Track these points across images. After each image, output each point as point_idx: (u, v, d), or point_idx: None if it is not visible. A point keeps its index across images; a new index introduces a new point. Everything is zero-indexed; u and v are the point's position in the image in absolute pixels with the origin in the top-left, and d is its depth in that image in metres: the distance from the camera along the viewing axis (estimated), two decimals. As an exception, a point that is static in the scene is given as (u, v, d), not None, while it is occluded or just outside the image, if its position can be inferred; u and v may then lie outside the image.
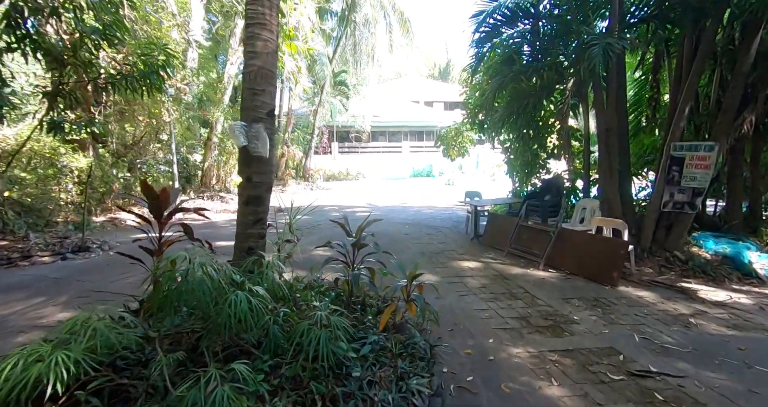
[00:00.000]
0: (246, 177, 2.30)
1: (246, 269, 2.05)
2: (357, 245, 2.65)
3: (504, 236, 5.63)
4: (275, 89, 2.39)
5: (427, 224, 8.09)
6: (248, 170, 2.30)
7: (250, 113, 2.26)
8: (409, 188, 18.99)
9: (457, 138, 9.31)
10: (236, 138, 2.14)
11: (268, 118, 2.31)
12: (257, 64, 2.21)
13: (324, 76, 15.65)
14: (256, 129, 2.19)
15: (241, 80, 2.40)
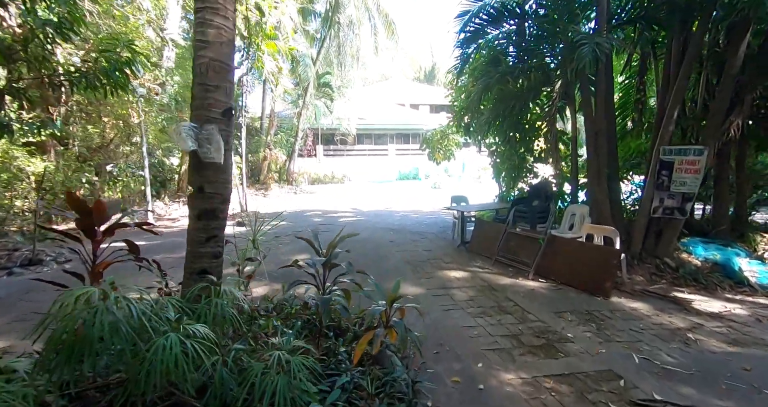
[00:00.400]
0: (197, 187, 1.96)
1: (192, 299, 1.72)
2: (328, 265, 2.32)
3: (491, 243, 5.40)
4: (232, 85, 2.06)
5: (413, 230, 7.82)
6: (200, 178, 1.96)
7: (202, 113, 1.93)
8: (395, 192, 18.74)
9: (443, 141, 9.10)
10: (182, 141, 1.81)
11: (224, 118, 1.99)
12: (209, 56, 1.89)
13: (308, 77, 15.28)
14: (208, 131, 1.86)
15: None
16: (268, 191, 15.47)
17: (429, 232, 7.51)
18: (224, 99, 1.97)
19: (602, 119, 4.82)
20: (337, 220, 9.17)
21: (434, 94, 31.34)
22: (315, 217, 9.74)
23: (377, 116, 25.19)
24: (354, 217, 9.73)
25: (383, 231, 7.62)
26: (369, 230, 7.71)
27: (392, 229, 7.87)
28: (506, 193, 7.47)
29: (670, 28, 4.70)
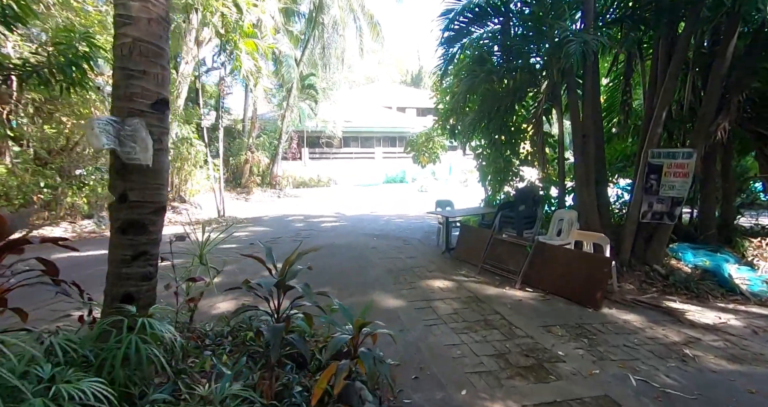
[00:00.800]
0: (119, 194, 1.61)
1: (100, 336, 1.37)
2: (282, 287, 1.99)
3: (477, 249, 5.14)
4: (167, 72, 1.72)
5: (397, 235, 7.52)
6: (123, 184, 1.62)
7: (124, 105, 1.58)
8: (381, 195, 18.44)
9: (428, 144, 8.86)
10: (94, 138, 1.46)
11: (155, 112, 1.65)
12: (132, 35, 1.55)
13: (291, 78, 14.89)
14: (131, 127, 1.52)
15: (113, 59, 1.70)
16: (250, 194, 14.97)
17: (413, 238, 7.22)
18: (154, 88, 1.64)
19: (590, 121, 4.63)
20: (319, 225, 8.81)
21: (421, 98, 31.29)
22: (296, 222, 9.35)
23: (364, 118, 24.92)
24: (337, 222, 9.38)
25: (366, 237, 7.30)
26: (351, 236, 7.37)
27: (375, 235, 7.56)
28: (492, 197, 7.26)
29: (657, 29, 4.56)
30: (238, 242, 6.94)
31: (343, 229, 8.30)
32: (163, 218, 1.90)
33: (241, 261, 5.16)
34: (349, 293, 4.25)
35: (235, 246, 6.51)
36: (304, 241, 7.01)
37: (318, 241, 6.99)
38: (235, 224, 8.99)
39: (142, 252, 1.72)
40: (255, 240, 7.06)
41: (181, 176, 11.18)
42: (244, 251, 6.32)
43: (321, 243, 6.77)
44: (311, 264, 5.19)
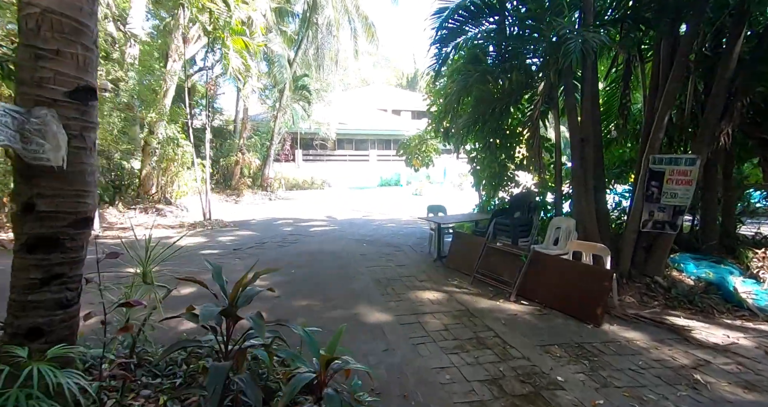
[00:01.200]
0: (24, 203, 1.30)
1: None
2: (231, 316, 1.67)
3: (470, 258, 4.86)
4: (92, 54, 1.41)
5: (388, 241, 7.22)
6: (28, 189, 1.30)
7: (31, 92, 1.27)
8: (375, 199, 18.14)
9: (421, 147, 8.60)
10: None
11: (73, 102, 1.34)
12: (41, 5, 1.24)
13: (283, 79, 14.58)
14: (39, 119, 1.22)
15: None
16: (240, 197, 14.59)
17: (404, 244, 6.92)
18: (73, 73, 1.33)
19: (588, 125, 4.39)
20: (308, 229, 8.49)
21: (416, 100, 31.10)
22: (285, 226, 9.01)
23: (358, 120, 24.66)
24: (327, 226, 9.06)
25: (355, 243, 6.99)
26: (340, 242, 7.06)
27: (366, 240, 7.25)
28: (486, 202, 7.00)
29: (659, 29, 4.33)
30: (222, 247, 6.59)
31: (333, 234, 7.98)
32: (88, 231, 1.59)
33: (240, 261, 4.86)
34: (332, 306, 3.94)
35: (217, 252, 6.17)
36: (290, 246, 6.69)
37: (305, 246, 6.67)
38: (221, 228, 8.64)
39: (56, 275, 1.40)
40: (240, 245, 6.72)
41: (167, 178, 10.79)
42: (226, 257, 5.98)
43: (308, 249, 6.46)
44: (294, 271, 4.87)
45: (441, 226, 5.51)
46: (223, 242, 7.08)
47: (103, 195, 9.38)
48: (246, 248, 6.45)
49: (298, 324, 3.53)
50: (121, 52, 10.28)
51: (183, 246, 6.67)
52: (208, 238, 7.41)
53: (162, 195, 10.90)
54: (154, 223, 8.94)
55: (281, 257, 5.89)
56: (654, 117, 4.31)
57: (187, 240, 7.15)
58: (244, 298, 1.69)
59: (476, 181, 7.54)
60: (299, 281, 4.69)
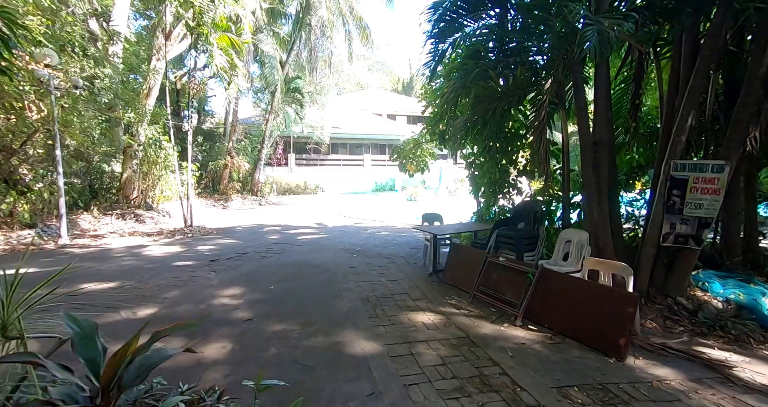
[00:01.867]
0: None
1: None
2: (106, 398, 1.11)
3: (469, 274, 4.34)
4: None
5: (380, 252, 6.68)
6: None
7: None
8: (369, 205, 17.64)
9: (416, 151, 8.12)
10: None
11: None
12: None
13: (274, 81, 14.09)
14: None
15: None
16: (228, 202, 14.01)
17: (397, 255, 6.39)
18: None
19: (603, 127, 3.92)
20: (295, 238, 7.93)
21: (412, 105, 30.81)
22: (271, 233, 8.44)
23: (353, 125, 24.22)
24: (316, 234, 8.50)
25: (345, 253, 6.44)
26: (329, 252, 6.51)
27: (356, 251, 6.71)
28: (485, 210, 6.50)
29: (679, 20, 3.89)
30: (198, 257, 6.01)
31: (322, 243, 7.43)
32: None
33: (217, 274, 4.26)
34: (312, 331, 3.39)
35: (191, 264, 5.59)
36: (274, 257, 6.14)
37: (290, 257, 6.12)
38: (202, 236, 8.06)
39: None
40: (219, 256, 6.15)
41: (148, 181, 10.19)
42: (200, 269, 5.40)
43: (293, 260, 5.90)
44: (274, 287, 4.29)
45: (437, 237, 5.00)
46: (201, 251, 6.50)
47: (78, 200, 8.76)
48: (224, 259, 5.88)
49: (268, 356, 3.00)
50: (104, 50, 9.74)
51: (155, 257, 6.10)
52: (186, 247, 6.82)
53: (143, 200, 10.29)
54: (129, 230, 8.34)
55: (261, 269, 5.33)
56: (674, 118, 3.85)
57: (161, 249, 6.57)
58: (134, 373, 1.10)
59: (474, 188, 7.05)
60: (277, 299, 4.13)
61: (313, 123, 19.19)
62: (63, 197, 6.94)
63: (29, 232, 6.98)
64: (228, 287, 4.50)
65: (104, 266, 5.35)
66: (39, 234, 7.08)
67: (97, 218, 8.78)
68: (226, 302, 3.98)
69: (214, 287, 4.50)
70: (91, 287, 4.37)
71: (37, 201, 7.42)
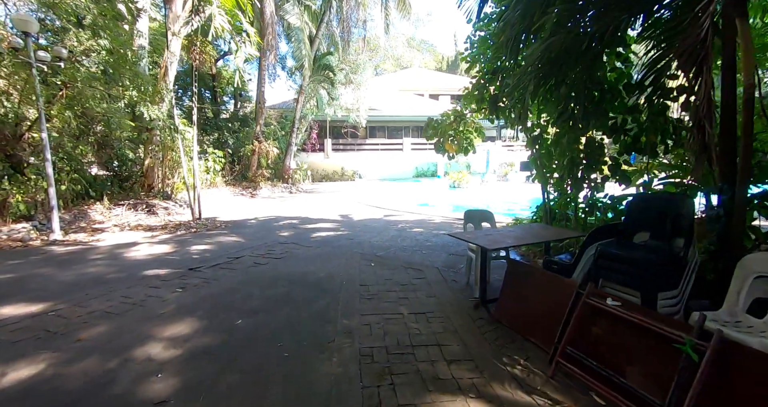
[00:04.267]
0: None
1: None
2: None
3: (544, 315, 2.51)
4: None
5: (408, 258, 4.96)
6: None
7: None
8: (406, 192, 15.87)
9: (458, 126, 6.15)
10: None
11: None
12: None
13: (301, 56, 12.63)
14: None
15: None
16: (257, 190, 13.05)
17: (431, 265, 4.63)
18: None
19: None
20: (309, 236, 6.47)
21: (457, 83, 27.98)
22: (284, 229, 7.09)
23: (391, 106, 22.28)
24: (336, 231, 6.99)
25: (361, 261, 4.83)
26: (341, 258, 4.93)
27: (376, 256, 5.06)
28: (560, 204, 4.49)
29: None
30: (180, 263, 4.73)
31: (337, 243, 5.89)
32: None
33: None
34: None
35: (165, 273, 4.32)
36: (269, 265, 4.70)
37: (289, 265, 4.65)
38: (207, 231, 6.91)
39: None
40: (205, 261, 4.86)
41: (164, 169, 9.34)
42: (169, 282, 4.12)
43: (291, 271, 4.42)
44: (241, 322, 2.74)
45: (487, 252, 3.14)
46: (190, 253, 5.27)
47: (89, 190, 8.08)
48: (207, 268, 4.55)
49: None
50: (130, 28, 8.87)
51: (131, 261, 4.97)
52: (178, 246, 5.66)
53: (161, 189, 9.50)
54: (135, 223, 7.45)
55: (241, 287, 3.90)
56: None
57: (148, 250, 5.45)
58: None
59: (538, 173, 5.01)
60: (234, 351, 2.63)
61: (348, 105, 17.61)
62: (53, 186, 6.08)
63: (25, 226, 6.27)
64: (180, 318, 3.10)
65: (61, 274, 4.27)
66: (36, 228, 6.35)
67: (109, 208, 8.04)
68: (154, 355, 2.56)
69: (161, 318, 3.11)
70: (4, 311, 3.21)
71: (39, 191, 6.70)
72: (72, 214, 7.41)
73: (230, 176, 13.74)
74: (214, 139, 15.07)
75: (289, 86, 18.71)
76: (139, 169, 9.94)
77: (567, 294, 2.48)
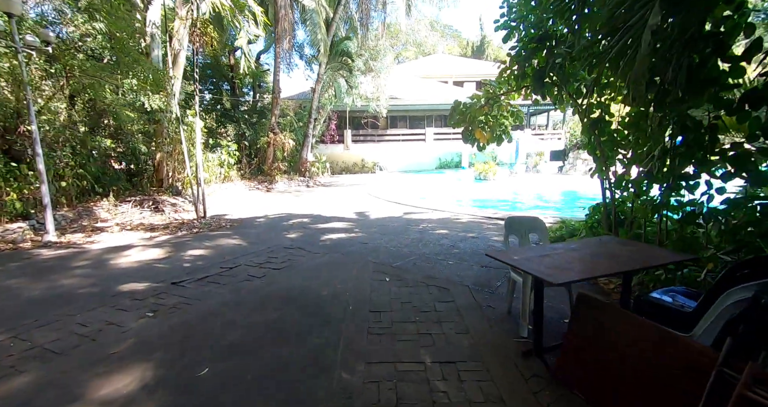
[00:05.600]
0: None
1: None
2: None
3: (643, 387, 1.54)
4: None
5: (430, 271, 4.04)
6: None
7: None
8: (429, 185, 14.84)
9: (491, 110, 5.09)
10: None
11: None
12: None
13: (317, 41, 11.72)
14: None
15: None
16: (273, 184, 12.45)
17: (459, 281, 3.69)
18: None
19: None
20: (318, 238, 5.67)
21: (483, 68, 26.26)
22: (293, 230, 6.33)
23: (413, 94, 21.04)
24: (348, 232, 6.15)
25: (375, 273, 3.96)
26: (350, 270, 4.08)
27: (392, 267, 4.18)
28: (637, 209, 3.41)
29: None
30: (166, 273, 4.03)
31: (349, 248, 5.05)
32: None
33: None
34: None
35: (143, 287, 3.63)
36: (266, 278, 3.94)
37: (289, 279, 3.86)
38: (210, 231, 6.27)
39: None
40: (194, 271, 4.16)
41: (174, 163, 8.82)
42: (143, 302, 3.40)
43: (289, 286, 3.64)
44: (207, 371, 1.85)
45: (543, 282, 2.17)
46: (182, 260, 4.60)
47: (95, 185, 7.66)
48: (193, 281, 3.84)
49: None
50: (142, 18, 8.31)
51: (116, 270, 4.34)
52: (172, 251, 5.02)
53: (171, 184, 9.02)
54: (137, 221, 6.94)
55: (225, 310, 3.13)
56: None
57: (139, 255, 4.83)
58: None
59: (599, 166, 3.91)
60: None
61: (368, 94, 16.61)
62: (45, 183, 5.58)
63: (21, 225, 5.85)
64: (131, 363, 2.36)
65: (29, 289, 3.68)
66: (33, 228, 5.93)
67: (116, 205, 7.60)
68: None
69: (107, 363, 2.38)
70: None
71: (33, 187, 6.27)
72: (77, 211, 7.00)
73: (248, 169, 13.23)
74: (232, 131, 14.60)
75: (307, 76, 17.91)
76: (151, 163, 9.52)
77: (694, 370, 1.50)
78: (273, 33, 12.17)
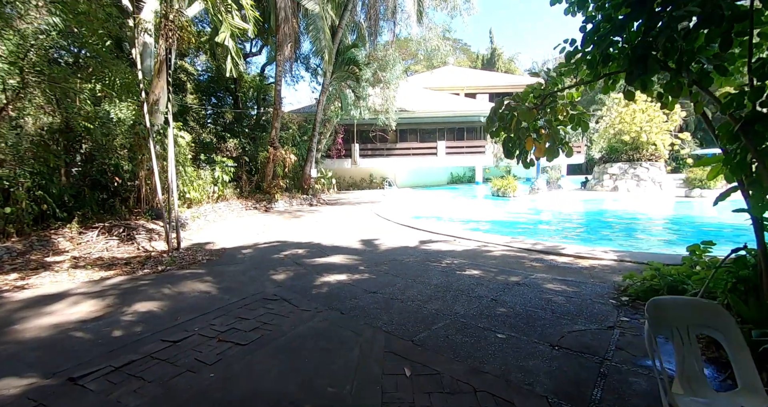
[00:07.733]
0: None
1: None
2: None
3: None
4: None
5: (474, 355, 2.54)
6: None
7: None
8: (443, 204, 13.39)
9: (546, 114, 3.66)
10: None
11: None
12: None
13: (321, 47, 10.63)
14: None
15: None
16: (272, 203, 11.14)
17: (525, 382, 2.17)
18: None
19: None
20: (313, 282, 4.22)
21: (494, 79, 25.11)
22: (285, 266, 4.91)
23: (424, 106, 19.87)
24: (352, 272, 4.68)
25: (388, 358, 2.48)
26: (351, 350, 2.60)
27: (416, 342, 2.69)
28: None
29: None
30: (69, 356, 2.60)
31: (351, 303, 3.59)
32: None
33: None
34: None
35: (16, 392, 2.18)
36: (221, 362, 2.47)
37: (249, 372, 2.41)
38: (179, 269, 4.89)
39: None
40: (119, 349, 2.74)
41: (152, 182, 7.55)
42: None
43: (245, 389, 2.16)
44: None
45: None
46: (117, 322, 3.19)
47: (56, 210, 6.40)
48: (108, 372, 2.41)
49: None
50: (134, 23, 7.26)
51: (4, 344, 2.92)
52: (114, 303, 3.62)
53: (152, 205, 7.75)
54: (96, 255, 5.61)
55: None
56: None
57: (62, 313, 3.45)
58: None
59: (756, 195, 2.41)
60: None
61: (376, 106, 15.44)
62: None
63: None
64: None
65: None
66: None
67: (81, 232, 6.31)
68: None
69: None
70: None
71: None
72: (29, 242, 5.71)
73: (247, 186, 11.99)
74: (233, 146, 13.49)
75: (313, 88, 16.90)
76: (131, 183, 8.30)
77: None
78: (275, 42, 11.14)
